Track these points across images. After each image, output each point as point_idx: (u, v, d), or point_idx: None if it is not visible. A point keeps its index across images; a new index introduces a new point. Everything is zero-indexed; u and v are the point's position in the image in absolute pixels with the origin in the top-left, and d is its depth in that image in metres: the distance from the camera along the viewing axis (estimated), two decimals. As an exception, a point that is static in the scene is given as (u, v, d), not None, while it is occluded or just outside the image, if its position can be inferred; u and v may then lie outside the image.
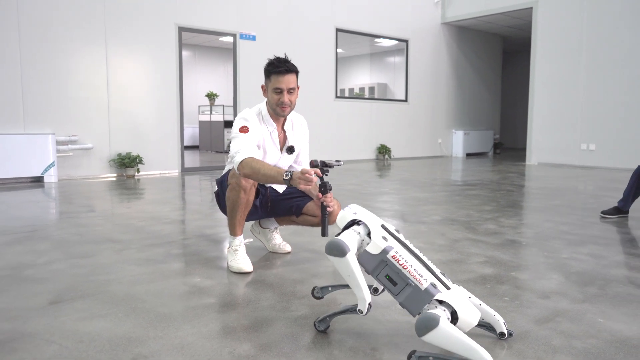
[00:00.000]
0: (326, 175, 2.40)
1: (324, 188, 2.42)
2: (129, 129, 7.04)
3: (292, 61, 2.59)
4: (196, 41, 12.82)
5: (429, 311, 1.51)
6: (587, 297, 2.18)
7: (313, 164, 2.34)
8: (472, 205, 4.61)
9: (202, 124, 12.85)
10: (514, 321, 1.91)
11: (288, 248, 2.92)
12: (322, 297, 1.92)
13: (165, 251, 2.95)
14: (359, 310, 1.66)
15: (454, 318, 1.56)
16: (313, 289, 1.90)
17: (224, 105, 11.98)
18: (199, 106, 13.16)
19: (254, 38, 8.09)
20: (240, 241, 2.62)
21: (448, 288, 1.61)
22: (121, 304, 2.07)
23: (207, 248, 3.06)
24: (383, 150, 10.11)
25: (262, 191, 2.75)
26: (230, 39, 8.19)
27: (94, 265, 2.64)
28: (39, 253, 2.87)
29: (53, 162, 6.23)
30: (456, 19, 10.95)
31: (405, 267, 1.59)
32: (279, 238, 2.94)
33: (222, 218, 3.99)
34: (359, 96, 13.24)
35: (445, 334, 1.46)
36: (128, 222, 3.76)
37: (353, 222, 1.74)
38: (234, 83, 8.08)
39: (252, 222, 2.97)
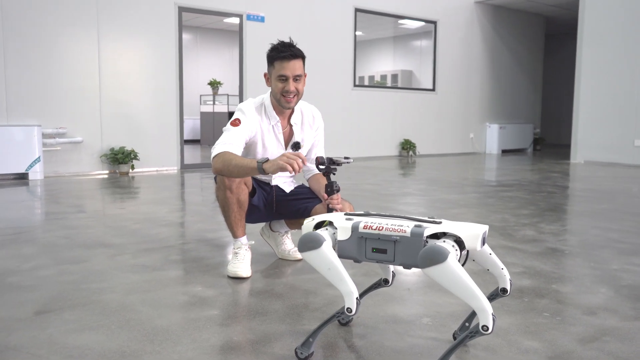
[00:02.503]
0: (334, 174, 2.41)
1: (331, 189, 2.43)
2: (122, 121, 7.12)
3: (300, 45, 2.60)
4: (198, 23, 12.92)
5: (437, 243, 1.54)
6: (640, 314, 2.17)
7: (319, 161, 2.36)
8: (507, 209, 4.58)
9: (203, 115, 12.94)
10: (555, 340, 1.90)
11: (299, 255, 2.93)
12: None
13: (162, 257, 2.98)
14: (347, 309, 1.63)
15: (461, 246, 1.60)
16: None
17: (228, 95, 12.05)
18: (201, 95, 13.25)
19: (262, 19, 8.13)
20: (240, 244, 2.65)
21: (439, 222, 1.66)
22: (114, 315, 2.10)
23: (208, 254, 3.08)
24: (407, 146, 10.09)
25: (267, 189, 2.77)
26: (236, 20, 8.24)
27: (84, 272, 2.69)
28: (25, 258, 2.93)
29: (39, 158, 6.33)
30: (491, -2, 10.88)
31: (381, 228, 1.66)
32: (290, 243, 2.96)
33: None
34: (381, 85, 13.21)
35: (450, 271, 1.49)
36: (122, 225, 3.80)
37: (318, 226, 1.80)
38: (240, 70, 8.12)
39: (262, 224, 3.00)
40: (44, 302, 2.24)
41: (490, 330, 1.48)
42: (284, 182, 2.82)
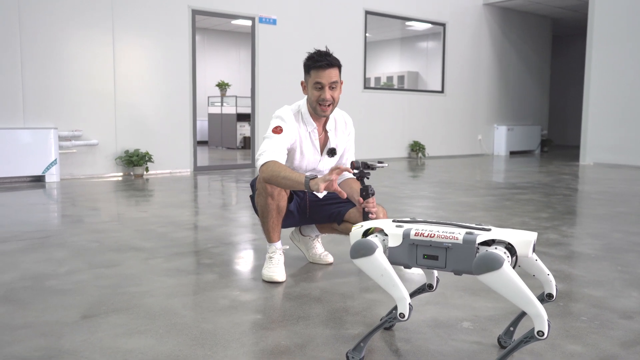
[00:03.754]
0: (367, 178, 2.45)
1: (366, 192, 2.47)
2: (136, 123, 7.16)
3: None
4: (205, 24, 12.95)
5: (491, 250, 1.57)
6: (676, 318, 2.20)
7: (354, 165, 2.40)
8: (526, 212, 4.62)
9: (211, 117, 12.99)
10: (597, 344, 1.94)
11: (330, 259, 2.97)
12: (393, 325, 1.94)
13: (194, 261, 3.02)
14: (400, 315, 1.66)
15: (512, 252, 1.63)
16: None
17: (236, 96, 12.09)
18: (208, 97, 13.29)
19: (274, 22, 8.17)
20: (275, 248, 2.69)
21: (488, 230, 1.69)
22: (159, 319, 2.14)
23: (238, 257, 3.12)
24: (416, 148, 10.13)
25: (301, 194, 2.81)
26: (245, 22, 8.28)
27: (120, 275, 2.72)
28: (58, 262, 2.96)
29: (55, 160, 6.37)
30: (500, 0, 10.91)
31: (432, 235, 1.69)
32: (321, 247, 2.99)
33: (250, 224, 4.06)
34: (389, 86, 13.25)
35: (507, 278, 1.52)
36: (148, 228, 3.84)
37: (366, 233, 1.84)
38: (252, 72, 8.16)
39: (292, 228, 3.03)
40: (88, 306, 2.28)
41: (545, 335, 1.51)
42: (317, 187, 2.85)
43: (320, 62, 2.55)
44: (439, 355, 1.85)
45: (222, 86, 12.54)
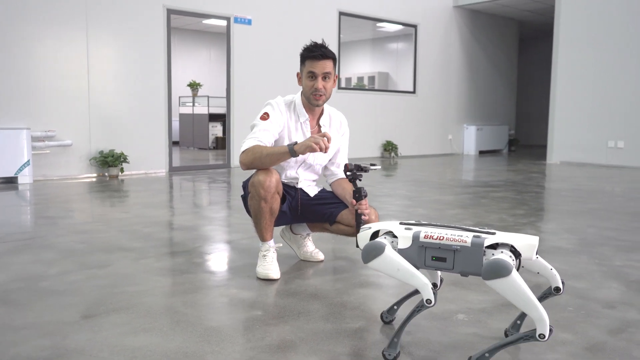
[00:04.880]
0: (360, 180, 2.51)
1: (358, 194, 2.53)
2: (111, 123, 7.08)
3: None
4: (175, 24, 12.78)
5: (498, 257, 1.63)
6: (655, 307, 2.33)
7: (348, 168, 2.47)
8: (502, 209, 4.76)
9: (183, 117, 12.87)
10: (586, 332, 2.05)
11: (321, 256, 3.03)
12: (393, 319, 2.04)
13: (186, 260, 3.04)
14: (426, 301, 1.72)
15: (516, 255, 1.71)
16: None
17: (208, 96, 12.03)
18: (180, 97, 13.18)
19: (249, 22, 8.18)
20: (269, 246, 2.73)
21: (493, 233, 1.75)
22: (162, 318, 2.16)
23: (229, 256, 3.15)
24: (389, 147, 10.27)
25: (292, 193, 2.85)
26: (216, 21, 8.26)
27: (114, 276, 2.72)
28: (48, 263, 2.94)
29: (28, 161, 6.24)
30: (470, 2, 11.14)
31: (441, 238, 1.75)
32: (312, 245, 3.05)
33: (235, 223, 4.09)
34: (361, 87, 13.37)
35: (514, 284, 1.59)
36: (133, 229, 3.83)
37: (374, 236, 1.90)
38: (227, 72, 8.15)
39: (282, 227, 3.07)
40: (87, 306, 2.28)
41: (546, 338, 1.59)
42: (308, 185, 2.90)
43: (315, 52, 2.62)
44: (439, 346, 1.93)
45: (194, 86, 12.45)
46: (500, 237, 1.73)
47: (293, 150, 2.43)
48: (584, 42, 9.36)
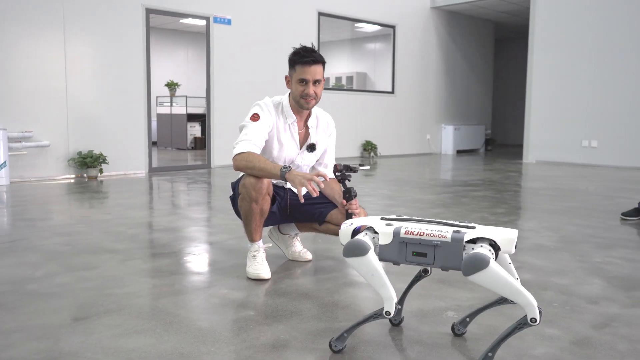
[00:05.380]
0: (349, 180, 2.54)
1: (349, 194, 2.56)
2: (89, 124, 6.99)
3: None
4: (152, 23, 12.69)
5: (477, 251, 1.66)
6: (636, 302, 2.41)
7: (337, 168, 2.49)
8: (483, 208, 4.84)
9: (160, 117, 12.77)
10: (571, 327, 2.11)
11: (309, 256, 3.05)
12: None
13: (173, 261, 3.03)
14: (386, 312, 1.76)
15: (496, 249, 1.72)
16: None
17: (186, 96, 11.95)
18: (157, 97, 13.06)
19: (229, 22, 8.15)
20: (258, 247, 2.74)
21: (473, 228, 1.78)
22: (154, 319, 2.16)
23: (217, 257, 3.15)
24: (368, 147, 10.33)
25: (281, 194, 2.87)
26: (194, 21, 8.22)
27: (102, 277, 2.71)
28: (33, 266, 2.91)
29: (4, 162, 6.14)
30: (447, 3, 11.27)
31: (422, 234, 1.77)
32: (300, 245, 3.06)
33: (219, 224, 4.08)
34: (339, 87, 13.42)
35: (494, 275, 1.62)
36: (117, 230, 3.80)
37: (356, 232, 1.92)
38: (207, 72, 8.12)
39: (270, 227, 3.08)
40: (77, 309, 2.26)
41: (538, 322, 1.62)
42: (297, 185, 2.91)
43: (306, 57, 2.63)
44: (431, 342, 1.96)
45: (172, 86, 12.35)
46: (480, 231, 1.75)
47: (284, 177, 2.44)
48: (558, 43, 9.55)
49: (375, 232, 1.86)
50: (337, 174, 2.52)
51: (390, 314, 1.76)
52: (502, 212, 4.64)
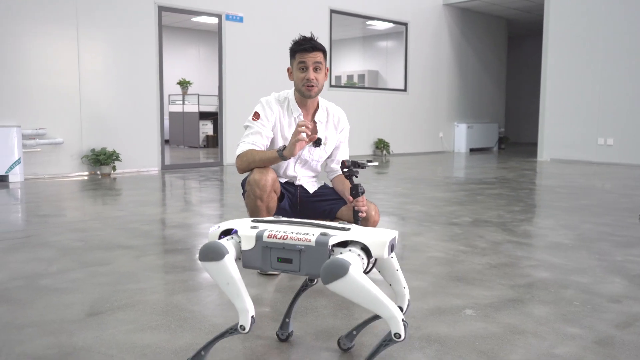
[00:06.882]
0: (356, 176, 2.49)
1: (355, 191, 2.51)
2: (102, 121, 7.01)
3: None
4: (164, 21, 12.74)
5: (339, 256, 1.50)
6: (659, 301, 2.35)
7: (345, 164, 2.45)
8: (499, 206, 4.78)
9: (172, 115, 12.80)
10: (594, 326, 2.05)
11: (323, 253, 3.01)
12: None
13: (187, 258, 3.01)
14: (240, 327, 1.57)
15: (367, 253, 1.58)
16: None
17: (198, 94, 11.97)
18: (169, 95, 13.08)
19: (241, 19, 8.14)
20: None
21: (347, 230, 1.63)
22: (168, 315, 2.14)
23: (231, 254, 3.13)
24: (381, 145, 10.28)
25: (292, 190, 2.83)
26: (206, 19, 8.21)
27: (115, 273, 2.69)
28: (47, 261, 2.90)
29: (19, 159, 6.17)
30: (459, 0, 11.18)
31: (285, 237, 1.60)
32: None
33: (233, 221, 4.05)
34: (352, 85, 13.37)
35: (353, 284, 1.44)
36: (130, 227, 3.79)
37: (226, 233, 1.73)
38: (219, 70, 8.11)
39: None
40: (91, 304, 2.25)
41: (402, 337, 1.45)
42: (308, 181, 2.88)
43: (304, 45, 2.60)
44: (450, 340, 1.92)
45: (184, 84, 12.37)
46: (352, 234, 1.59)
47: (282, 155, 2.44)
48: (573, 40, 9.43)
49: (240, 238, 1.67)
50: (345, 170, 2.47)
51: (245, 329, 1.55)
52: (518, 210, 4.57)
